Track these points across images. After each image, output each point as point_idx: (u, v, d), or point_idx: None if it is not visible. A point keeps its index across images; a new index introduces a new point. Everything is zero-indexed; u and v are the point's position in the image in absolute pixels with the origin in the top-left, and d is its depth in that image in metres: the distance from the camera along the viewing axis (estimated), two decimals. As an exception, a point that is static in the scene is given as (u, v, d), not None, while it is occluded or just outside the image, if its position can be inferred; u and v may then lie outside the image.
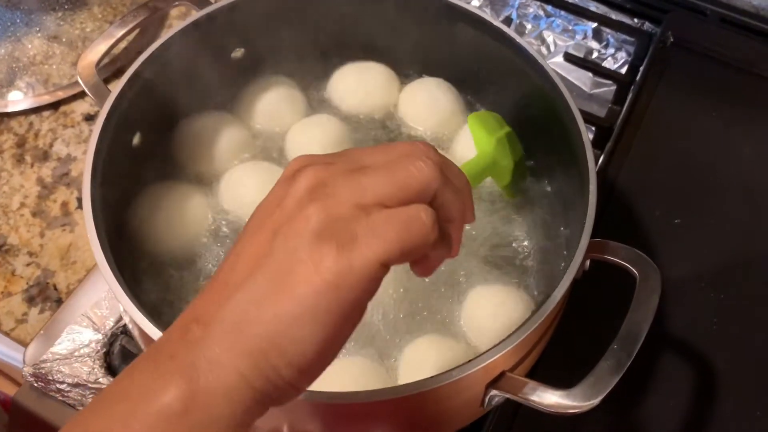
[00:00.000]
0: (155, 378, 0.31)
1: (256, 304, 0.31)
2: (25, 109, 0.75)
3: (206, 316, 0.32)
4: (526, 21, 0.84)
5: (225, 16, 0.59)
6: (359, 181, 0.33)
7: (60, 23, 0.80)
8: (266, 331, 0.31)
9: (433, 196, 0.34)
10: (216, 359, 0.31)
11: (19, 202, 0.70)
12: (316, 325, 0.31)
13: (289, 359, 0.31)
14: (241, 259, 0.33)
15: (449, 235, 0.35)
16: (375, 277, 0.31)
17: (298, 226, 0.32)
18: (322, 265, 0.31)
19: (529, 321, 0.47)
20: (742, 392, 0.59)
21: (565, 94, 0.57)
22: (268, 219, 0.33)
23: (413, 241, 0.32)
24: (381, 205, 0.32)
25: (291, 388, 0.32)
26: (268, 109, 0.65)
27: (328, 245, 0.31)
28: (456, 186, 0.35)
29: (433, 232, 0.33)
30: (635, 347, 0.46)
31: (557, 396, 0.45)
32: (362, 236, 0.31)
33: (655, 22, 0.81)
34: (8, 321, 0.64)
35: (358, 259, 0.31)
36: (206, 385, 0.31)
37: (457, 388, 0.45)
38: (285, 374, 0.31)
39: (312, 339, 0.31)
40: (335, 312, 0.31)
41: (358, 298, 0.31)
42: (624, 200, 0.68)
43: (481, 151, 0.60)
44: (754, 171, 0.70)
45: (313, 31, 0.64)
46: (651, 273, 0.49)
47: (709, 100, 0.74)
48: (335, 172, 0.33)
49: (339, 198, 0.32)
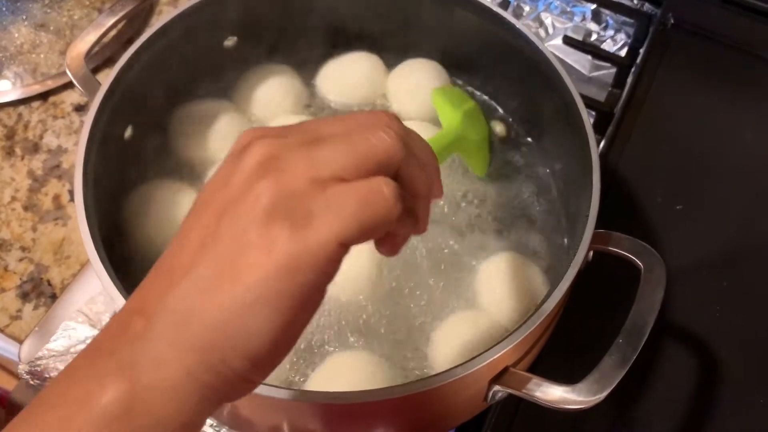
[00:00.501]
0: (94, 379, 0.29)
1: (203, 293, 0.28)
2: (14, 100, 0.73)
3: (149, 308, 0.29)
4: (523, 3, 0.82)
5: (215, 5, 0.58)
6: (315, 153, 0.30)
7: (47, 11, 0.78)
8: (214, 323, 0.28)
9: (396, 169, 0.31)
10: (160, 356, 0.28)
11: (10, 195, 0.69)
12: (270, 313, 0.28)
13: (241, 351, 0.28)
14: (186, 244, 0.30)
15: (415, 211, 0.33)
16: (333, 258, 0.29)
17: (248, 205, 0.29)
18: (273, 246, 0.28)
19: (534, 316, 0.46)
20: (745, 379, 0.59)
21: (567, 81, 0.55)
22: (215, 198, 0.30)
23: (374, 217, 0.29)
24: (339, 178, 0.29)
25: (244, 382, 0.30)
26: (266, 96, 0.64)
27: (281, 225, 0.28)
28: (421, 159, 0.33)
29: (396, 206, 0.30)
30: (641, 341, 0.46)
31: (561, 391, 0.45)
32: (318, 213, 0.29)
33: (654, 2, 0.80)
34: (2, 317, 0.63)
35: (314, 239, 0.28)
36: (149, 384, 0.28)
37: (461, 385, 0.44)
38: (237, 368, 0.29)
39: (265, 329, 0.28)
40: (290, 298, 0.28)
41: (314, 281, 0.29)
42: (625, 186, 0.67)
43: (447, 125, 0.57)
44: (757, 154, 0.70)
45: (306, 18, 0.62)
46: (656, 265, 0.48)
47: (711, 83, 0.73)
48: (288, 145, 0.30)
49: (292, 172, 0.29)
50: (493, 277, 0.56)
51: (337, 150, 0.30)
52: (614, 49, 0.80)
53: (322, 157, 0.30)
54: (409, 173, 0.32)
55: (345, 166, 0.30)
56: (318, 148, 0.30)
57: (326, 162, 0.30)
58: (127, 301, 0.31)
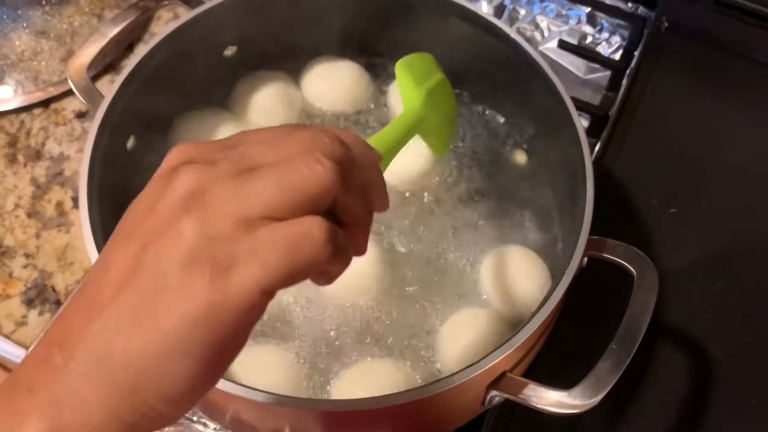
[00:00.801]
0: (12, 416, 0.28)
1: (122, 334, 0.28)
2: (16, 108, 0.74)
3: (69, 341, 0.29)
4: (519, 6, 0.83)
5: (216, 15, 0.59)
6: (245, 188, 0.29)
7: (47, 18, 0.78)
8: (133, 365, 0.28)
9: (331, 199, 0.30)
10: (80, 393, 0.28)
11: (13, 203, 0.70)
12: (187, 360, 0.28)
13: (162, 394, 0.28)
14: (108, 275, 0.29)
15: (348, 242, 0.31)
16: (256, 306, 0.28)
17: (170, 244, 0.28)
18: (193, 293, 0.27)
19: (531, 322, 0.47)
20: (739, 381, 0.60)
21: (560, 89, 0.56)
22: (140, 227, 0.29)
23: (301, 263, 0.28)
24: (268, 218, 0.28)
25: (165, 419, 0.30)
26: (264, 104, 0.64)
27: (201, 271, 0.27)
28: (361, 182, 0.32)
29: (326, 250, 0.29)
30: (634, 346, 0.47)
31: (557, 396, 0.46)
32: (242, 259, 0.28)
33: (649, 5, 0.80)
34: (8, 324, 0.64)
35: (235, 289, 0.27)
36: (71, 423, 0.28)
37: (460, 390, 0.45)
38: (157, 408, 0.29)
39: (184, 374, 0.28)
40: (208, 346, 0.28)
41: (235, 330, 0.28)
42: (620, 190, 0.68)
43: (408, 107, 0.53)
44: (751, 157, 0.70)
45: (303, 28, 0.63)
46: (648, 271, 0.49)
47: (705, 87, 0.74)
48: (218, 176, 0.29)
49: (219, 210, 0.28)
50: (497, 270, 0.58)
51: (268, 184, 0.29)
52: (609, 52, 0.80)
53: (251, 192, 0.29)
54: (346, 203, 0.31)
55: (275, 203, 0.29)
56: (248, 182, 0.29)
57: (255, 199, 0.29)
58: (47, 331, 0.31)
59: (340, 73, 0.66)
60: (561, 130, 0.56)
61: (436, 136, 0.57)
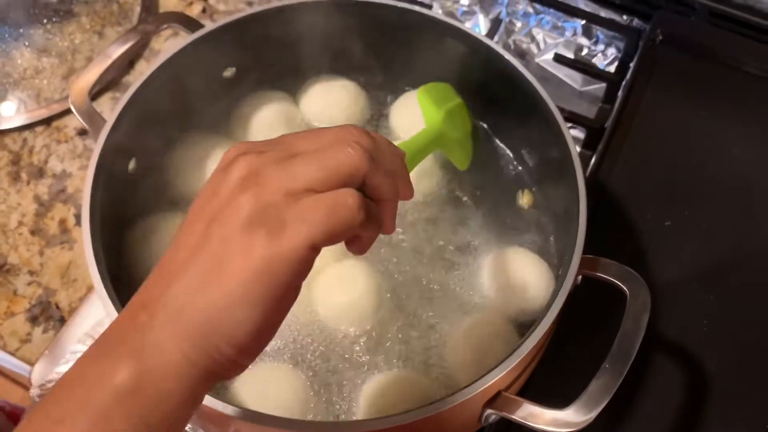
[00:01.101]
0: (108, 361, 0.33)
1: (194, 292, 0.33)
2: (19, 126, 0.75)
3: (151, 303, 0.34)
4: (515, 19, 0.84)
5: (215, 38, 0.60)
6: (289, 168, 0.34)
7: (49, 36, 0.79)
8: (204, 316, 0.33)
9: (362, 179, 0.36)
10: (161, 343, 0.33)
11: (17, 220, 0.71)
12: (250, 308, 0.33)
13: (228, 339, 0.33)
14: (181, 248, 0.35)
15: (379, 215, 0.37)
16: (305, 260, 0.33)
17: (231, 215, 0.33)
18: (252, 251, 0.33)
19: (526, 342, 0.48)
20: (734, 391, 0.61)
21: (554, 109, 0.57)
22: (205, 208, 0.35)
23: (340, 224, 0.34)
24: (311, 190, 0.34)
25: (233, 364, 0.35)
26: (264, 122, 0.65)
27: (258, 232, 0.33)
28: (387, 168, 0.37)
29: (359, 214, 0.34)
30: (626, 365, 0.48)
31: (551, 414, 0.47)
32: (291, 222, 0.33)
33: (643, 17, 0.81)
34: (13, 341, 0.65)
35: (287, 244, 0.33)
36: (154, 366, 0.33)
37: (458, 410, 0.46)
38: (226, 352, 0.34)
39: (248, 321, 0.33)
40: (268, 295, 0.33)
41: (289, 280, 0.33)
42: (615, 203, 0.69)
43: (429, 124, 0.60)
44: (744, 170, 0.71)
45: (301, 48, 0.64)
46: (641, 291, 0.50)
47: (699, 99, 0.75)
48: (267, 161, 0.35)
49: (269, 186, 0.34)
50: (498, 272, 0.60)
51: (308, 165, 0.34)
52: (605, 63, 0.81)
53: (295, 171, 0.34)
54: (375, 182, 0.36)
55: (315, 179, 0.34)
56: (292, 164, 0.35)
57: (299, 176, 0.34)
58: (133, 297, 0.36)
59: (337, 92, 0.67)
60: (553, 147, 0.57)
61: (456, 151, 0.62)
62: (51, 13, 0.80)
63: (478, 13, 0.83)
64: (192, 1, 0.84)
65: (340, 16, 0.62)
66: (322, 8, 0.62)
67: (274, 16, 0.61)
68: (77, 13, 0.81)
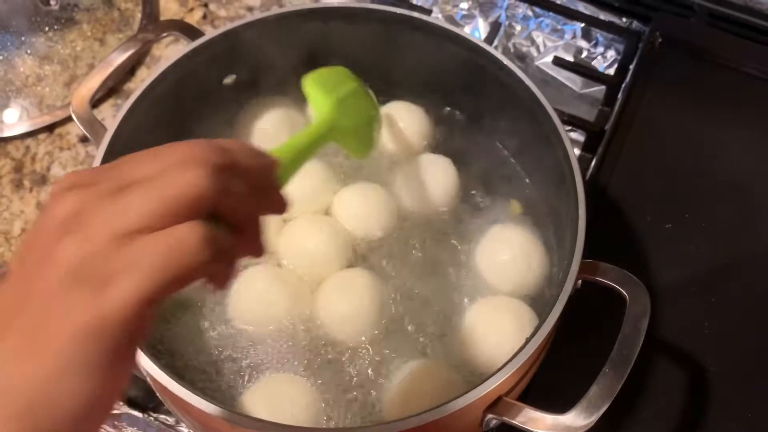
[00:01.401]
0: None
1: (14, 363, 0.29)
2: (22, 133, 0.76)
3: None
4: (515, 22, 0.84)
5: (216, 45, 0.60)
6: (119, 203, 0.30)
7: (50, 44, 0.80)
8: (28, 392, 0.29)
9: (212, 204, 0.31)
10: None
11: (20, 227, 0.71)
12: (77, 378, 0.29)
13: (62, 416, 0.29)
14: (3, 305, 0.31)
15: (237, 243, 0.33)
16: (138, 317, 0.29)
17: (50, 267, 0.29)
18: (73, 312, 0.29)
19: (526, 347, 0.48)
20: (734, 394, 0.61)
21: (551, 113, 0.57)
22: (26, 258, 0.31)
23: (179, 269, 0.29)
24: (146, 229, 0.29)
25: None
26: (267, 129, 0.65)
27: (79, 291, 0.29)
28: (249, 185, 0.33)
29: (204, 253, 0.30)
30: (626, 370, 0.48)
31: (551, 419, 0.47)
32: (118, 273, 0.29)
33: (643, 20, 0.81)
34: (17, 348, 0.66)
35: (113, 303, 0.29)
36: None
37: (459, 415, 0.47)
38: (65, 428, 0.29)
39: (75, 393, 0.29)
40: (95, 362, 0.29)
41: (120, 343, 0.29)
42: (615, 206, 0.69)
43: (318, 115, 0.53)
44: (744, 172, 0.71)
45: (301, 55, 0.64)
46: (640, 295, 0.50)
47: (699, 101, 0.75)
48: (95, 196, 0.30)
49: (95, 229, 0.29)
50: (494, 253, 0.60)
51: (142, 197, 0.30)
52: (605, 66, 0.81)
53: (126, 207, 0.30)
54: (229, 206, 0.32)
55: (150, 215, 0.30)
56: (123, 197, 0.30)
57: (130, 212, 0.30)
58: None
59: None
60: (553, 152, 0.57)
61: (354, 140, 0.57)
62: (53, 20, 0.81)
63: (477, 17, 0.84)
64: (193, 7, 0.84)
65: (340, 23, 0.63)
66: (321, 15, 0.62)
67: (274, 23, 0.62)
68: (79, 20, 0.81)
